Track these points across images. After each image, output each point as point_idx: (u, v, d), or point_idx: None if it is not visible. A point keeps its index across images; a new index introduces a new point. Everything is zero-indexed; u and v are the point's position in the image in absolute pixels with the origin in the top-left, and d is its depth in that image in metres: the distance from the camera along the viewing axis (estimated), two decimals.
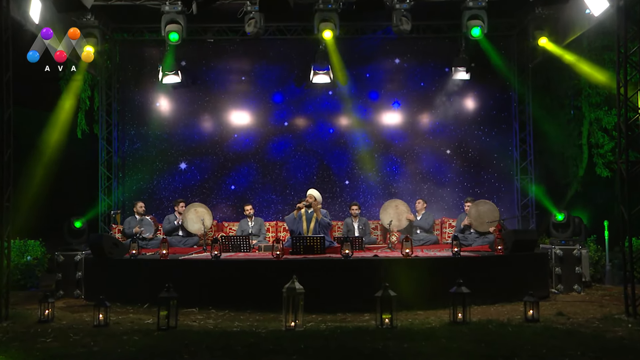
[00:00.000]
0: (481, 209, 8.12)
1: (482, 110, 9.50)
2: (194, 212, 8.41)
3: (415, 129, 9.56)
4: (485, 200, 8.39)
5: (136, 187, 9.48)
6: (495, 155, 9.45)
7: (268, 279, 5.94)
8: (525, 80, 9.41)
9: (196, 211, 8.41)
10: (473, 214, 8.15)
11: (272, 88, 9.58)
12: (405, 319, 5.38)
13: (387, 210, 8.52)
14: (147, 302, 6.07)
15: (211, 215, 8.55)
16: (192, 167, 9.57)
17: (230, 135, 9.60)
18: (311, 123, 9.60)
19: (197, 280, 6.22)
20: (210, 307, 5.99)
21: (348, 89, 9.47)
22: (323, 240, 6.80)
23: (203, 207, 8.52)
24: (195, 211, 8.42)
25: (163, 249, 6.54)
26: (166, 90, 9.49)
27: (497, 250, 6.64)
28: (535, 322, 5.19)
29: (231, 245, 7.54)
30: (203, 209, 8.46)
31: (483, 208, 8.13)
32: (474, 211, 8.16)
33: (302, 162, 9.57)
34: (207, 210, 8.50)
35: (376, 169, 9.49)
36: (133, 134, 9.59)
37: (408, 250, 6.26)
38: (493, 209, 8.10)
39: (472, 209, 8.20)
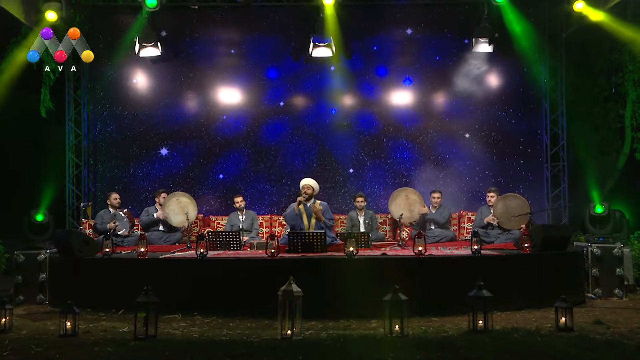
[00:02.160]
0: (510, 205, 8.04)
1: (507, 87, 9.47)
2: (176, 202, 8.41)
3: (430, 110, 9.55)
4: (515, 194, 8.30)
5: (110, 176, 9.48)
6: (521, 139, 9.42)
7: (261, 281, 5.95)
8: (557, 52, 9.33)
9: (179, 201, 8.41)
10: (499, 209, 8.08)
11: (266, 63, 9.55)
12: (417, 327, 5.38)
13: (397, 201, 8.49)
14: (123, 308, 6.06)
15: (196, 207, 8.54)
16: (174, 153, 9.56)
17: (218, 116, 9.59)
18: (310, 103, 9.60)
19: (180, 282, 6.21)
20: (195, 313, 5.99)
21: (352, 63, 9.47)
22: (324, 236, 6.81)
23: (187, 196, 8.51)
24: (177, 201, 8.42)
25: (141, 247, 6.53)
26: (144, 64, 9.45)
27: (524, 248, 6.59)
28: (569, 331, 5.15)
29: (219, 243, 7.56)
30: (187, 199, 8.45)
31: (512, 203, 8.04)
32: (500, 206, 8.09)
33: (300, 148, 9.57)
34: (192, 201, 8.48)
35: (385, 156, 9.51)
36: (106, 114, 9.55)
37: (421, 248, 6.25)
38: (524, 205, 7.99)
39: (498, 203, 8.12)
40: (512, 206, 8.01)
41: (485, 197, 8.63)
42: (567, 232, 7.10)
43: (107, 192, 8.81)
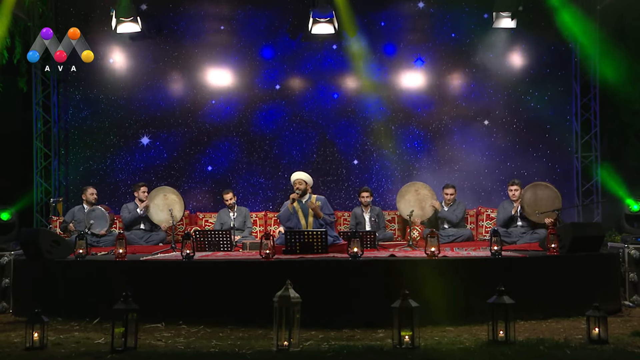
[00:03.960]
0: (540, 195, 8.00)
1: (532, 68, 9.43)
2: (163, 198, 8.45)
3: (444, 94, 9.55)
4: (547, 184, 8.28)
5: (83, 168, 9.49)
6: (548, 126, 9.40)
7: (255, 286, 5.93)
8: (591, 27, 9.25)
9: (165, 197, 8.46)
10: (528, 198, 8.05)
11: (260, 40, 9.57)
12: (430, 337, 5.34)
13: (406, 196, 8.47)
14: (98, 317, 6.02)
15: (183, 207, 8.55)
16: (156, 143, 9.58)
17: (206, 101, 9.59)
18: (310, 86, 9.60)
19: (164, 287, 6.18)
20: (180, 322, 5.95)
21: (357, 41, 9.44)
22: (325, 235, 6.80)
23: (175, 193, 8.54)
24: (164, 197, 8.46)
25: (120, 248, 6.49)
26: (122, 42, 9.44)
27: (550, 250, 6.52)
28: (603, 343, 5.10)
29: (207, 243, 7.57)
30: (174, 196, 8.49)
31: (543, 194, 8.01)
32: (529, 195, 8.06)
33: (298, 136, 9.59)
34: (179, 198, 8.50)
35: (393, 145, 9.51)
36: (79, 98, 9.55)
37: (434, 248, 6.23)
38: (555, 197, 7.96)
39: (527, 192, 8.10)
40: (542, 197, 8.00)
41: (506, 192, 8.60)
42: (600, 231, 7.02)
43: (81, 186, 8.79)
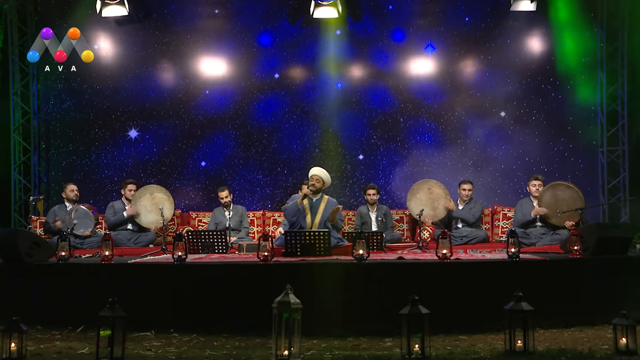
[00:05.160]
0: (560, 196, 7.96)
1: (553, 54, 9.40)
2: (150, 198, 8.37)
3: (457, 83, 9.57)
4: (568, 184, 8.23)
5: (66, 164, 9.52)
6: (570, 118, 9.40)
7: (252, 291, 5.89)
8: (618, 8, 9.26)
9: (153, 197, 8.38)
10: (547, 200, 8.02)
11: (258, 26, 9.59)
12: (442, 346, 5.28)
13: (418, 194, 8.43)
14: (82, 325, 5.97)
15: (173, 203, 8.48)
16: (145, 136, 9.61)
17: (199, 91, 9.62)
18: (311, 75, 9.65)
19: (154, 292, 6.12)
20: (171, 330, 5.90)
21: (363, 26, 9.51)
22: (328, 236, 6.77)
23: (162, 191, 8.47)
24: (151, 196, 8.38)
25: (105, 250, 6.44)
26: (108, 26, 9.47)
27: (573, 252, 6.49)
28: (631, 355, 5.01)
29: (201, 244, 7.56)
30: (162, 194, 8.43)
31: (563, 195, 7.96)
32: (548, 197, 8.02)
33: (298, 129, 9.62)
34: (168, 197, 8.43)
35: (402, 139, 9.54)
36: (61, 88, 9.58)
37: (446, 250, 6.18)
38: (577, 198, 7.90)
39: (545, 193, 8.06)
40: (563, 198, 7.95)
41: (525, 189, 8.57)
42: (627, 232, 6.97)
43: (62, 183, 8.73)
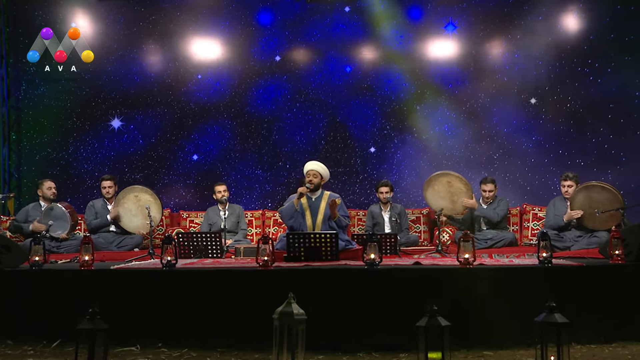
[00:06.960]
0: (595, 199, 7.89)
1: (592, 33, 9.40)
2: (134, 200, 8.36)
3: (481, 66, 9.61)
4: (603, 184, 8.11)
5: (40, 157, 9.61)
6: (610, 105, 9.32)
7: (251, 300, 5.84)
8: None
9: (137, 198, 8.37)
10: (579, 202, 7.97)
11: (256, 2, 9.68)
12: None
13: (436, 188, 8.34)
14: (58, 339, 5.91)
15: (160, 206, 8.47)
16: (130, 126, 9.67)
17: (191, 75, 9.69)
18: (317, 57, 9.70)
19: (140, 302, 6.06)
20: (159, 344, 5.82)
21: (375, 3, 9.51)
22: (336, 239, 6.74)
23: (148, 192, 8.42)
24: (136, 198, 8.37)
25: (85, 254, 6.35)
26: (87, 3, 9.57)
27: (613, 257, 6.40)
28: None
29: (193, 248, 7.53)
30: (148, 195, 8.39)
31: (599, 197, 7.87)
32: (581, 198, 7.97)
33: (303, 119, 9.67)
34: (154, 198, 8.39)
35: (418, 129, 9.57)
36: (33, 71, 9.65)
37: (468, 255, 6.13)
38: (614, 200, 7.82)
39: (578, 195, 8.01)
40: (599, 201, 7.88)
41: (558, 187, 8.53)
42: None
43: (36, 179, 8.76)
